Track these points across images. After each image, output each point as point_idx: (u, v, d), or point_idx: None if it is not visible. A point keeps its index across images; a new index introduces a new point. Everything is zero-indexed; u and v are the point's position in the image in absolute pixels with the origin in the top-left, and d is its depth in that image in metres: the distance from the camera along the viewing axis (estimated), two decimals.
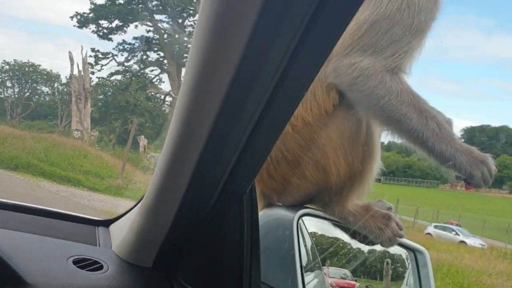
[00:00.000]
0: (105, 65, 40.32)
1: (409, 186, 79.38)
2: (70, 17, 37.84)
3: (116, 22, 39.09)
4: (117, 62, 41.52)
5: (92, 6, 38.48)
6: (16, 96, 66.14)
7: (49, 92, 68.73)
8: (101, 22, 38.90)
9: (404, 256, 1.98)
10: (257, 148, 0.95)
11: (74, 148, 18.19)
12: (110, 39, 40.23)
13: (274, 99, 0.82)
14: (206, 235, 1.16)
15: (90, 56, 32.82)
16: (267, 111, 0.84)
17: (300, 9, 0.69)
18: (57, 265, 1.20)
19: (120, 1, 38.71)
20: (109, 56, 40.67)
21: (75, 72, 31.53)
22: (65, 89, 63.98)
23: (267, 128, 0.90)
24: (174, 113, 0.90)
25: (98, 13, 37.58)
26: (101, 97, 61.87)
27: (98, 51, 38.30)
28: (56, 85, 65.63)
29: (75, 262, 1.23)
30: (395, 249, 1.91)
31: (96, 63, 39.79)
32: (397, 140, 1.60)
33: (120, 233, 1.37)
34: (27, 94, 66.95)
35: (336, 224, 1.78)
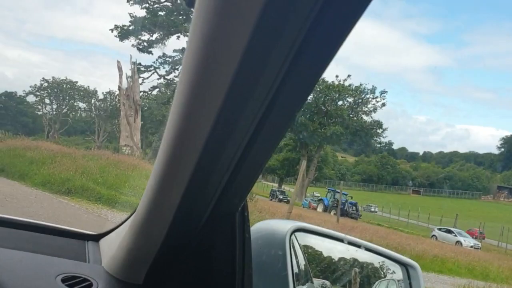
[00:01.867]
0: (147, 78, 38.43)
1: (451, 197, 76.49)
2: (110, 29, 36.46)
3: (156, 35, 37.28)
4: (158, 75, 39.58)
5: (132, 19, 36.73)
6: (54, 112, 66.33)
7: (86, 108, 68.47)
8: (141, 35, 37.19)
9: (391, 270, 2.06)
10: (249, 166, 0.93)
11: (131, 167, 16.11)
12: (150, 52, 38.48)
13: (266, 119, 0.82)
14: (197, 253, 1.13)
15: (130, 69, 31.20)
16: (260, 130, 0.84)
17: (287, 41, 0.69)
18: (46, 283, 1.18)
19: (161, 13, 36.91)
20: (151, 69, 38.88)
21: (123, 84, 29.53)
22: (102, 105, 63.92)
23: (260, 147, 0.89)
24: (166, 132, 0.88)
25: (139, 25, 35.91)
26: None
27: (139, 64, 36.64)
28: (93, 101, 65.62)
29: (64, 280, 1.20)
30: (387, 263, 2.04)
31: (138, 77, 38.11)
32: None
33: (111, 249, 1.33)
34: (65, 110, 66.94)
35: (330, 238, 1.81)
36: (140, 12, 37.83)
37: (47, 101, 68.09)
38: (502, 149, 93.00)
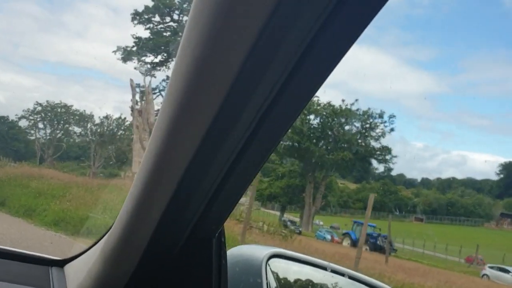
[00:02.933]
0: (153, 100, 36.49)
1: (453, 225, 74.63)
2: (113, 51, 34.42)
3: (160, 57, 35.35)
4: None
5: (136, 40, 34.79)
6: (48, 137, 64.06)
7: (82, 133, 66.31)
8: (145, 56, 35.21)
9: None
10: (228, 193, 0.92)
11: None
12: (153, 76, 36.46)
13: (248, 147, 0.81)
14: (172, 280, 1.08)
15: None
16: (240, 159, 0.83)
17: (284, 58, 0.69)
18: None
19: (165, 34, 35.03)
20: (156, 91, 36.88)
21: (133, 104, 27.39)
22: (99, 130, 61.87)
23: (239, 175, 0.87)
24: (145, 157, 0.86)
25: (142, 46, 33.97)
26: None
27: (143, 87, 34.69)
28: (89, 125, 63.31)
29: None
30: None
31: (142, 99, 36.14)
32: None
33: (77, 276, 1.27)
34: (59, 135, 64.60)
35: (308, 264, 1.78)
36: (143, 33, 36.05)
37: (40, 125, 65.88)
38: (501, 175, 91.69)
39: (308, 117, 41.30)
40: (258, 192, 44.86)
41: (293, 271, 1.81)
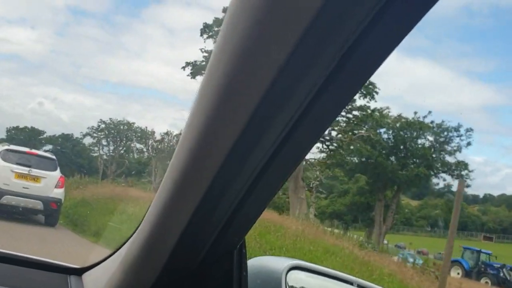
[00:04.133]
0: None
1: None
2: (182, 67, 32.81)
3: None
4: None
5: (206, 55, 33.05)
6: (111, 154, 64.19)
7: (143, 149, 65.98)
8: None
9: None
10: (252, 206, 0.91)
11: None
12: None
13: (273, 160, 0.80)
14: None
15: None
16: (266, 171, 0.81)
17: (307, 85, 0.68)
18: None
19: None
20: None
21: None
22: (159, 146, 61.33)
23: (264, 188, 0.86)
24: (169, 169, 0.86)
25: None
26: None
27: None
28: (150, 142, 62.97)
29: None
30: None
31: None
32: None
33: (96, 285, 1.28)
34: (122, 151, 64.58)
35: (329, 277, 1.74)
36: (212, 47, 34.50)
37: (104, 142, 66.24)
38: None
39: (378, 130, 38.26)
40: (319, 209, 42.38)
41: (313, 284, 1.75)
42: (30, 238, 10.01)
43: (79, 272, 1.48)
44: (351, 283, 1.75)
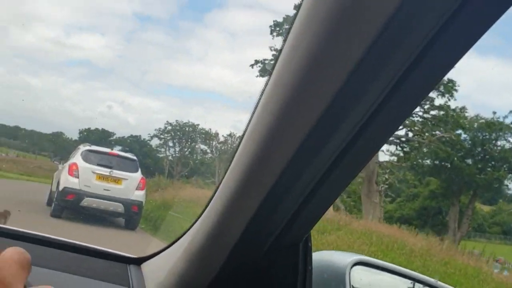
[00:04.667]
0: None
1: None
2: (251, 65, 31.88)
3: None
4: None
5: (274, 53, 31.98)
6: (177, 155, 64.95)
7: (207, 150, 66.27)
8: None
9: None
10: (321, 198, 0.88)
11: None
12: None
13: (343, 157, 0.78)
14: (256, 284, 1.04)
15: None
16: (334, 168, 0.79)
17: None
18: None
19: None
20: None
21: None
22: (223, 147, 61.39)
23: (332, 185, 0.85)
24: (238, 157, 0.84)
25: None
26: None
27: None
28: (214, 143, 63.14)
29: None
30: None
31: None
32: None
33: (156, 275, 1.28)
34: (187, 152, 65.14)
35: (395, 274, 1.65)
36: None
37: (170, 143, 67.18)
38: None
39: (456, 132, 35.65)
40: (386, 214, 40.26)
41: (377, 280, 1.66)
42: (109, 241, 9.38)
43: (138, 261, 1.46)
44: (416, 280, 1.64)
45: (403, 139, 28.72)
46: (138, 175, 11.60)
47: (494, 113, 38.10)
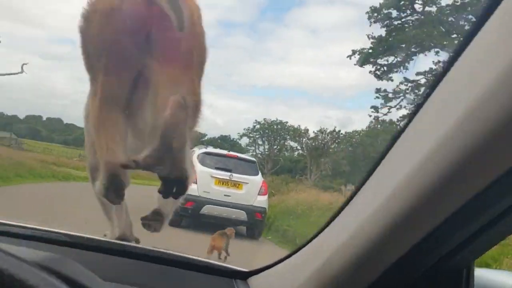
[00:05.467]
0: (394, 107, 30.67)
1: None
2: (348, 56, 29.64)
3: (397, 57, 29.33)
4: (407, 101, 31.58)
5: (373, 41, 29.36)
6: (266, 152, 64.25)
7: (297, 147, 64.78)
8: (380, 58, 29.65)
9: None
10: (505, 226, 0.74)
11: None
12: (390, 79, 30.67)
13: None
14: None
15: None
16: None
17: None
18: None
19: (407, 29, 28.93)
20: (400, 95, 31.01)
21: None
22: (313, 143, 59.70)
23: None
24: (407, 180, 0.71)
25: (379, 46, 28.46)
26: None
27: (385, 90, 29.32)
28: (303, 140, 61.52)
29: None
30: None
31: (384, 105, 30.69)
32: None
33: None
34: (276, 150, 64.20)
35: None
36: (379, 32, 30.82)
37: (259, 142, 66.69)
38: None
39: None
40: None
41: None
42: (234, 254, 8.04)
43: (246, 275, 1.33)
44: None
45: None
46: (259, 178, 10.21)
47: None
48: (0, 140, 44.58)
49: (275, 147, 65.96)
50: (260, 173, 10.45)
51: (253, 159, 10.91)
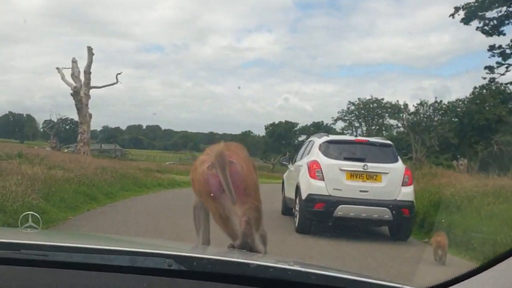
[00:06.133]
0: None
1: None
2: (451, 14, 25.93)
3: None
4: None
5: None
6: (364, 134, 60.85)
7: (398, 124, 60.38)
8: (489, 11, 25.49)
9: None
10: None
11: None
12: (502, 33, 26.34)
13: None
14: None
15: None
16: None
17: None
18: None
19: None
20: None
21: None
22: (414, 119, 55.24)
23: None
24: None
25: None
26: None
27: (500, 47, 25.28)
28: (404, 115, 57.19)
29: None
30: None
31: (500, 64, 26.62)
32: None
33: None
34: (375, 130, 60.55)
35: None
36: None
37: (356, 124, 63.39)
38: None
39: None
40: None
41: None
42: (379, 264, 6.06)
43: None
44: None
45: None
46: (400, 165, 8.05)
47: None
48: (107, 152, 46.42)
49: (373, 127, 62.31)
50: (400, 159, 8.28)
51: (389, 141, 8.75)
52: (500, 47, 26.23)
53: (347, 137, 8.87)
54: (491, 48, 26.74)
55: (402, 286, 1.14)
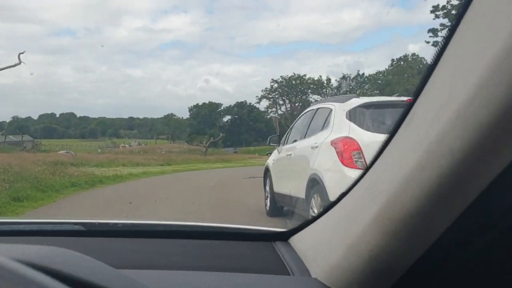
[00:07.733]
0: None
1: None
2: None
3: None
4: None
5: None
6: (289, 110, 58.63)
7: (321, 99, 58.87)
8: None
9: None
10: None
11: None
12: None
13: None
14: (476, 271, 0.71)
15: None
16: None
17: None
18: None
19: None
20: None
21: None
22: (337, 93, 53.99)
23: None
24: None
25: None
26: None
27: (444, 7, 23.23)
28: (327, 90, 55.62)
29: None
30: None
31: (445, 26, 24.58)
32: None
33: (321, 253, 0.89)
34: (299, 107, 58.62)
35: None
36: None
37: (280, 101, 60.95)
38: None
39: None
40: None
41: None
42: None
43: (286, 236, 1.16)
44: None
45: None
46: None
47: None
48: (15, 144, 39.50)
49: (297, 104, 60.41)
50: None
51: None
52: (444, 7, 24.15)
53: (390, 98, 5.34)
54: (435, 9, 24.62)
55: (261, 228, 1.17)
